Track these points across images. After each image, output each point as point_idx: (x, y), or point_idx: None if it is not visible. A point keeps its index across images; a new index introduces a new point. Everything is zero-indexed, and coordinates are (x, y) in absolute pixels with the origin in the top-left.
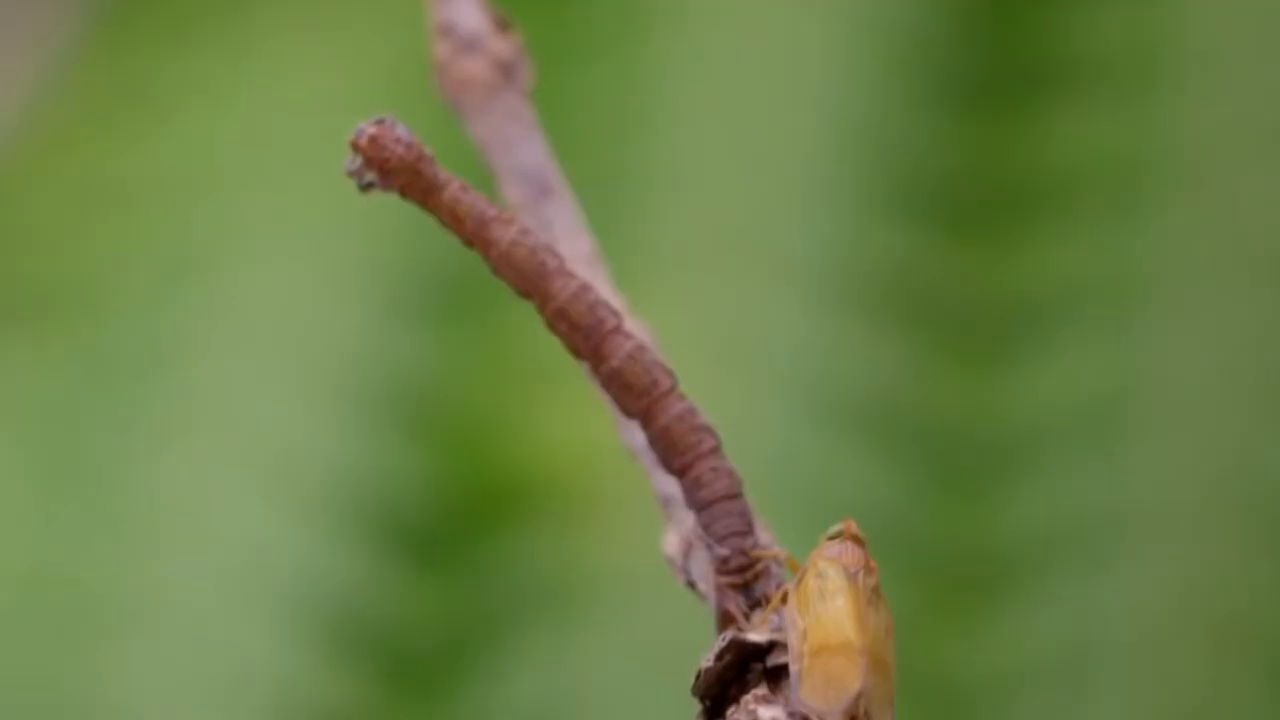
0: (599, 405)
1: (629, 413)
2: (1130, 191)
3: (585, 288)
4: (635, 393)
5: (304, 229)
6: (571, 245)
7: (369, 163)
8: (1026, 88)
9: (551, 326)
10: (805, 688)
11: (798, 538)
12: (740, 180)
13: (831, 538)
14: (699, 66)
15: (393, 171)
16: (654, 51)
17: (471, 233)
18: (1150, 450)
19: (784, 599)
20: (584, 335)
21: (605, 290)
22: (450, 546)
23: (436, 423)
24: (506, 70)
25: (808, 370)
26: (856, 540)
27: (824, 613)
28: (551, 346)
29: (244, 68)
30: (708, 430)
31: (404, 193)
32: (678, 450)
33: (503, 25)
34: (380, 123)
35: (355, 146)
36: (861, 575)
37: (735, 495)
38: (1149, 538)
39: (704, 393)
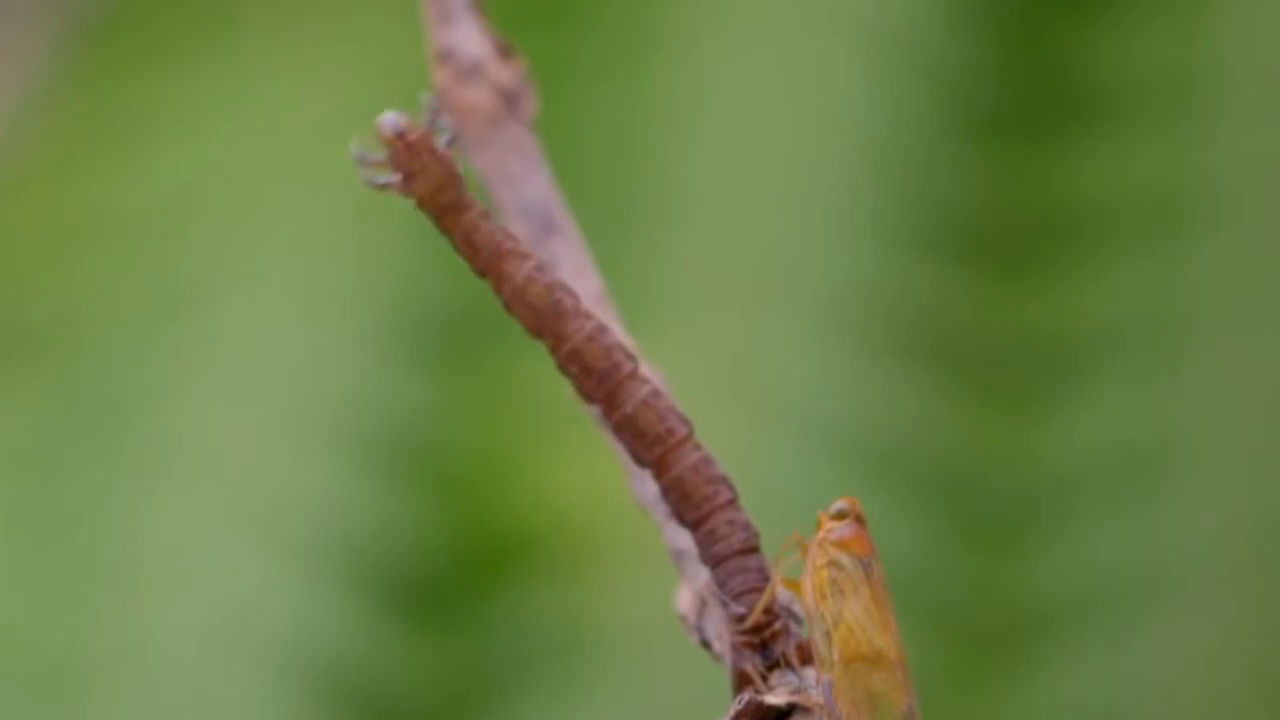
0: (609, 453)
1: (641, 462)
2: (1169, 225)
3: (601, 329)
4: (648, 441)
5: (295, 261)
6: (579, 285)
7: (396, 163)
8: (1060, 115)
9: (563, 368)
10: (844, 703)
11: None
12: (756, 213)
13: (835, 517)
14: (711, 93)
15: (419, 180)
16: (664, 78)
17: (485, 263)
18: (1190, 500)
19: (814, 662)
20: (598, 379)
21: (617, 333)
22: (451, 600)
23: (436, 469)
24: (509, 99)
25: (828, 414)
26: (860, 520)
27: (846, 613)
28: (558, 390)
29: (231, 92)
30: (724, 481)
31: (422, 204)
32: (692, 502)
33: (505, 52)
34: (420, 128)
35: (387, 142)
36: (874, 564)
37: (752, 550)
38: (1188, 592)
39: (720, 438)
